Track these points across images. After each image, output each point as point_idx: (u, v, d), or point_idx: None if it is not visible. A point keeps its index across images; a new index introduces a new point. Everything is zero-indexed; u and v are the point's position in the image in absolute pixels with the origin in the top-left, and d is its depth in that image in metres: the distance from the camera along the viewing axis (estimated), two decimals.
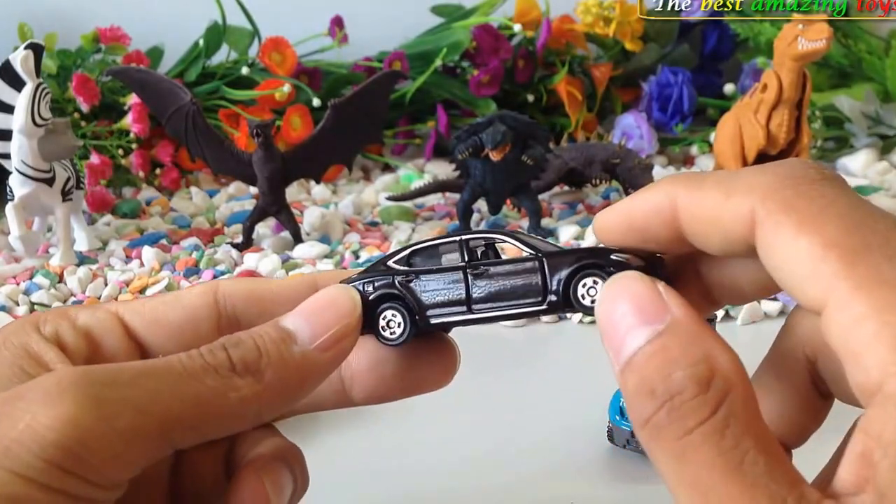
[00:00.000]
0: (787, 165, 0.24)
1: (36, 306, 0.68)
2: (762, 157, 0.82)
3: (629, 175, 0.85)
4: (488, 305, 0.28)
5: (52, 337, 0.29)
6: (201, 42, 1.00)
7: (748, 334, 0.61)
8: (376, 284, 0.29)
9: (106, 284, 0.72)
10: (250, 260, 0.75)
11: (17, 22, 0.96)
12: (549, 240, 0.77)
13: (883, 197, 0.89)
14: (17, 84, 0.73)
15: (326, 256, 0.77)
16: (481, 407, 0.55)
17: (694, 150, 1.03)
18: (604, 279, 0.26)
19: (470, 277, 0.29)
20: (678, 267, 0.29)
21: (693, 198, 0.25)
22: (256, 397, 0.26)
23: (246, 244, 0.79)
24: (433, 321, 0.29)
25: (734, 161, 0.82)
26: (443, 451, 0.50)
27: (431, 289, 0.29)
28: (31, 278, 0.73)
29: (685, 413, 0.21)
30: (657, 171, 0.92)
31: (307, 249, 0.77)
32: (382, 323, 0.29)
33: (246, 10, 0.99)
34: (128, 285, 0.71)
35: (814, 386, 0.27)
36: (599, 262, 0.27)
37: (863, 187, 0.92)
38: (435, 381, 0.31)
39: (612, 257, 0.27)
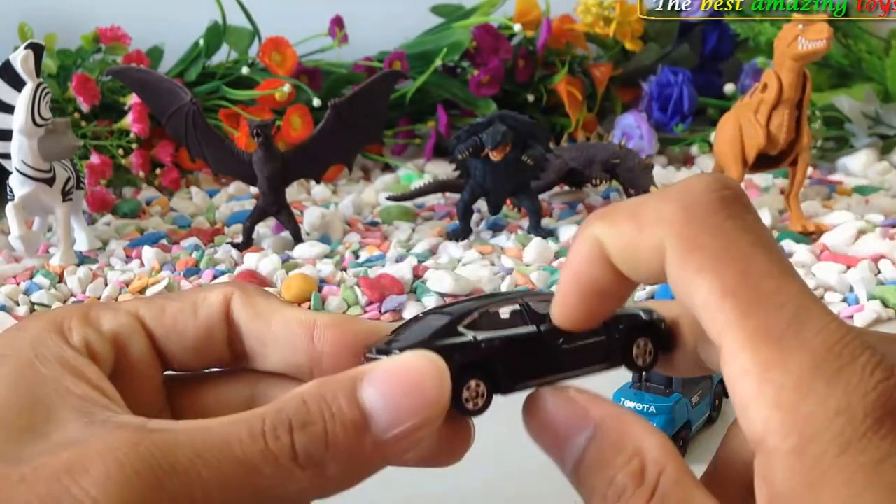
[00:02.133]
0: (692, 191, 0.24)
1: (36, 306, 0.68)
2: (762, 157, 0.82)
3: (629, 175, 0.85)
4: (559, 370, 0.29)
5: (83, 347, 0.27)
6: (201, 42, 1.00)
7: None
8: (463, 354, 0.27)
9: (106, 284, 0.72)
10: (250, 260, 0.75)
11: (17, 22, 0.96)
12: (544, 239, 0.78)
13: (883, 197, 0.89)
14: (18, 84, 0.73)
15: (326, 256, 0.77)
16: (484, 413, 0.55)
17: (694, 149, 1.03)
18: (651, 337, 0.29)
19: (542, 345, 0.28)
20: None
21: (611, 233, 0.25)
22: (314, 489, 0.24)
23: (246, 244, 0.79)
24: (516, 387, 0.28)
25: (734, 161, 0.82)
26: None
27: (514, 355, 0.28)
28: (31, 278, 0.73)
29: None
30: (657, 171, 0.92)
31: (307, 249, 0.77)
32: (466, 394, 0.27)
33: (246, 10, 0.99)
34: (128, 285, 0.71)
35: (752, 492, 0.28)
36: (650, 323, 0.29)
37: (863, 187, 0.92)
38: (449, 457, 0.30)
39: (654, 317, 0.29)
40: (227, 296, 0.30)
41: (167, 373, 0.31)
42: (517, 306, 0.29)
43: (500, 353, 0.27)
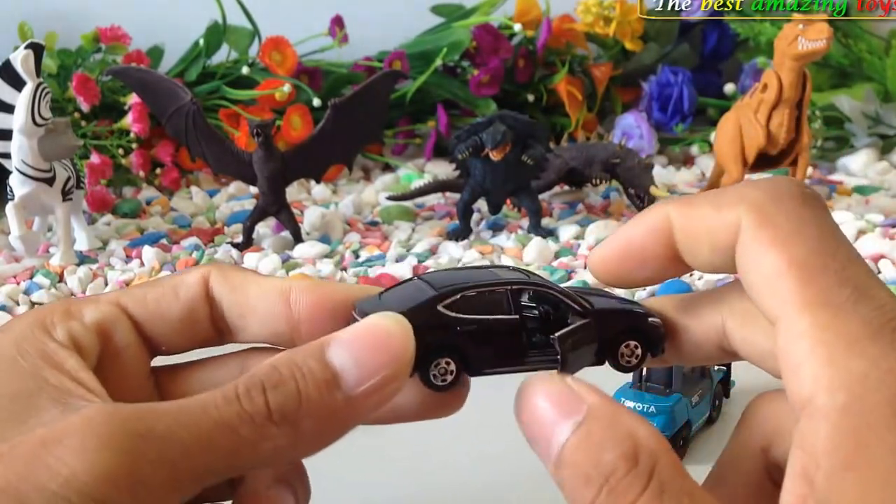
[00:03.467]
0: (774, 181, 0.26)
1: (36, 306, 0.68)
2: (762, 157, 0.82)
3: (629, 175, 0.85)
4: (540, 359, 0.29)
5: (67, 340, 0.28)
6: (201, 42, 1.00)
7: None
8: (436, 334, 0.28)
9: (106, 284, 0.72)
10: (250, 259, 0.75)
11: (17, 22, 0.96)
12: (544, 239, 0.78)
13: (883, 197, 0.89)
14: (18, 84, 0.73)
15: (326, 256, 0.77)
16: (482, 406, 0.55)
17: (694, 149, 1.03)
18: (641, 341, 0.29)
19: (524, 334, 0.29)
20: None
21: (686, 213, 0.27)
22: (291, 446, 0.25)
23: (246, 244, 0.79)
24: (485, 371, 0.29)
25: (734, 161, 0.82)
26: (443, 450, 0.50)
27: (489, 341, 0.28)
28: (31, 278, 0.73)
29: (622, 490, 0.23)
30: (657, 171, 0.92)
31: (307, 249, 0.77)
32: (434, 371, 0.28)
33: (246, 10, 0.99)
34: (128, 285, 0.71)
35: (768, 476, 0.27)
36: (640, 327, 0.29)
37: (863, 187, 0.92)
38: (446, 409, 0.31)
39: (650, 321, 0.29)
40: (204, 275, 0.31)
41: (154, 364, 0.31)
42: (504, 292, 0.29)
43: (473, 339, 0.28)
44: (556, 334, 0.28)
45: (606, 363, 0.30)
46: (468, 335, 0.28)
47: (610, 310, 0.29)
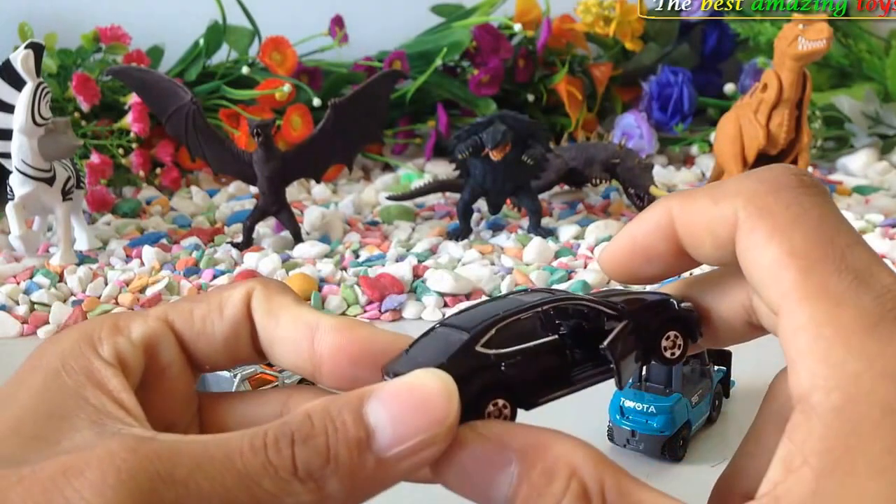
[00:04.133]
0: (771, 170, 0.26)
1: (36, 306, 0.68)
2: (762, 157, 0.82)
3: (629, 175, 0.85)
4: (591, 373, 0.27)
5: (113, 357, 0.27)
6: (201, 42, 1.00)
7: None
8: (482, 377, 0.26)
9: (106, 284, 0.72)
10: (250, 259, 0.75)
11: (17, 22, 0.96)
12: (544, 238, 0.78)
13: (883, 197, 0.89)
14: (18, 83, 0.73)
15: (326, 256, 0.77)
16: None
17: (694, 149, 1.03)
18: (680, 329, 0.28)
19: (568, 352, 0.27)
20: None
21: (686, 207, 0.26)
22: None
23: (246, 244, 0.79)
24: (540, 401, 0.27)
25: (734, 161, 0.82)
26: None
27: (533, 369, 0.27)
28: (31, 277, 0.73)
29: None
30: (657, 171, 0.92)
31: (307, 249, 0.77)
32: (491, 411, 0.26)
33: (246, 10, 0.99)
34: (128, 285, 0.71)
35: None
36: (676, 315, 0.28)
37: (863, 187, 0.92)
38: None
39: (683, 306, 0.28)
40: (248, 292, 0.30)
41: (199, 391, 0.31)
42: (536, 315, 0.27)
43: (519, 371, 0.26)
44: (604, 343, 0.27)
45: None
46: (514, 368, 0.26)
47: (643, 305, 0.28)
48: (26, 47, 0.73)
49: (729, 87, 1.08)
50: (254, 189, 0.88)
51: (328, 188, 0.96)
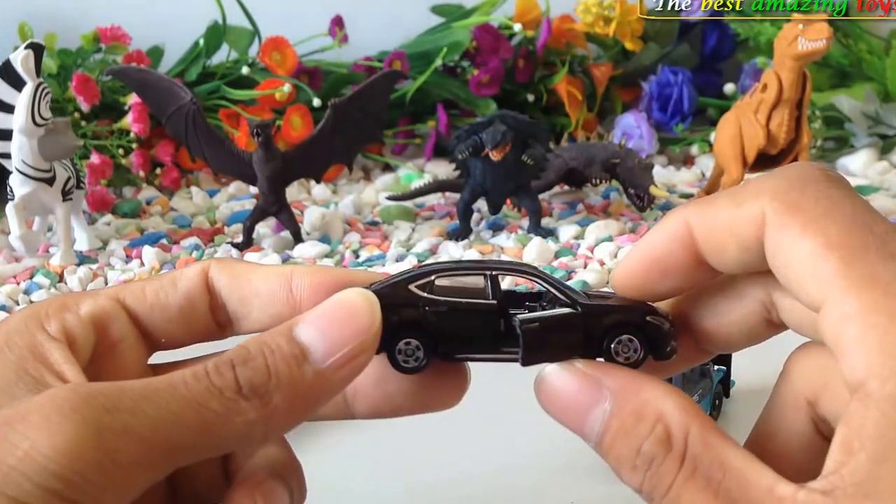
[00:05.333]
0: (794, 168, 0.25)
1: None
2: (762, 157, 0.82)
3: (629, 175, 0.85)
4: (513, 348, 0.28)
5: (59, 333, 0.28)
6: (201, 42, 1.00)
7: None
8: (401, 312, 0.27)
9: (106, 284, 0.72)
10: (250, 259, 0.75)
11: (17, 22, 0.96)
12: (544, 239, 0.78)
13: (883, 197, 0.89)
14: (18, 84, 0.73)
15: (327, 256, 0.77)
16: (481, 407, 0.55)
17: (694, 149, 1.03)
18: (638, 337, 0.27)
19: (502, 321, 0.28)
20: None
21: (705, 214, 0.26)
22: (262, 420, 0.25)
23: (246, 244, 0.79)
24: (456, 356, 0.28)
25: (734, 161, 0.82)
26: (443, 451, 0.50)
27: (458, 324, 0.28)
28: (31, 278, 0.73)
29: (662, 474, 0.24)
30: (657, 171, 0.92)
31: (307, 249, 0.77)
32: (401, 346, 0.28)
33: (246, 10, 0.99)
34: None
35: (816, 429, 0.27)
36: (637, 323, 0.28)
37: (863, 187, 0.92)
38: (442, 401, 0.30)
39: (647, 319, 0.28)
40: (204, 268, 0.31)
41: (155, 361, 0.31)
42: (483, 276, 0.28)
43: (442, 321, 0.27)
44: (518, 317, 0.27)
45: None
46: (437, 317, 0.27)
47: (601, 304, 0.28)
48: (26, 47, 0.73)
49: (729, 87, 1.08)
50: (254, 189, 0.88)
51: (328, 188, 0.96)
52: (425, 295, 0.28)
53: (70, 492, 0.22)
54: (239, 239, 0.80)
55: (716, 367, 0.52)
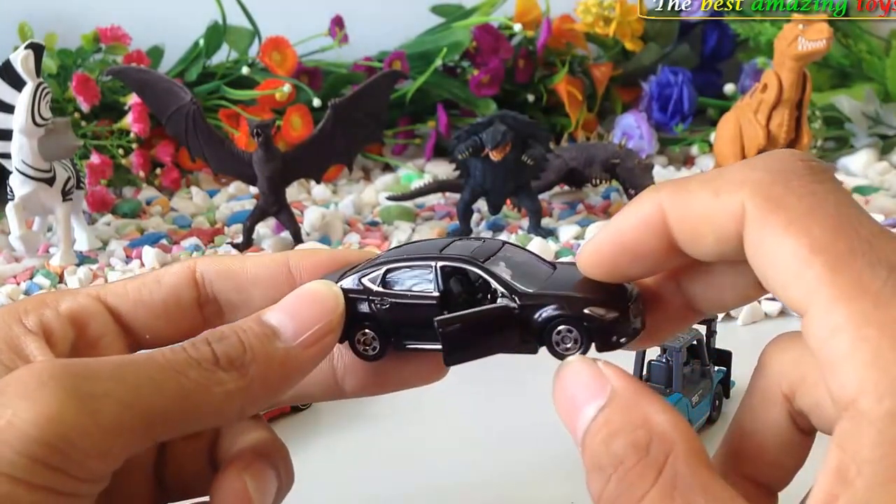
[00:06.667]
0: (776, 157, 0.24)
1: None
2: None
3: (629, 175, 0.85)
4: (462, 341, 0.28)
5: (37, 327, 0.28)
6: (201, 42, 1.00)
7: (748, 334, 0.61)
8: (357, 305, 0.29)
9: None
10: None
11: (17, 22, 0.96)
12: (544, 239, 0.78)
13: (883, 197, 0.89)
14: (18, 84, 0.73)
15: None
16: (481, 407, 0.55)
17: (694, 150, 1.03)
18: (577, 328, 0.27)
19: (446, 313, 0.28)
20: (659, 286, 0.29)
21: (680, 200, 0.24)
22: (241, 392, 0.26)
23: (246, 244, 0.79)
24: (408, 346, 0.30)
25: (734, 160, 0.82)
26: (442, 450, 0.50)
27: (403, 317, 0.29)
28: (31, 278, 0.73)
29: (631, 481, 0.22)
30: (657, 171, 0.92)
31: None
32: (359, 336, 0.30)
33: (246, 10, 0.99)
34: None
35: (793, 423, 0.26)
36: (573, 315, 0.27)
37: (863, 187, 0.92)
38: (428, 375, 0.31)
39: (585, 311, 0.27)
40: (189, 265, 0.32)
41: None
42: (431, 269, 0.29)
43: (390, 314, 0.29)
44: (437, 318, 0.28)
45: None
46: (385, 309, 0.29)
47: (539, 295, 0.28)
48: (26, 47, 0.73)
49: (729, 88, 1.08)
50: (254, 189, 0.88)
51: (328, 188, 0.96)
52: (376, 288, 0.29)
53: (54, 458, 0.22)
54: (239, 239, 0.79)
55: (716, 368, 0.52)
